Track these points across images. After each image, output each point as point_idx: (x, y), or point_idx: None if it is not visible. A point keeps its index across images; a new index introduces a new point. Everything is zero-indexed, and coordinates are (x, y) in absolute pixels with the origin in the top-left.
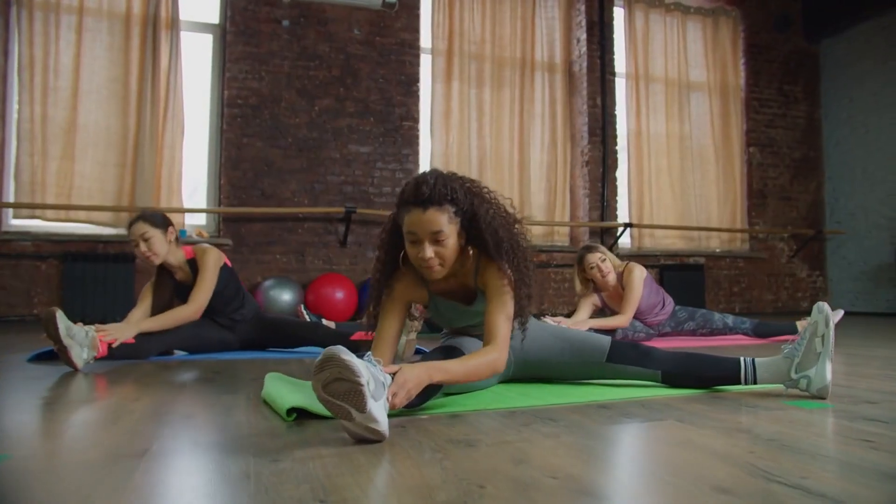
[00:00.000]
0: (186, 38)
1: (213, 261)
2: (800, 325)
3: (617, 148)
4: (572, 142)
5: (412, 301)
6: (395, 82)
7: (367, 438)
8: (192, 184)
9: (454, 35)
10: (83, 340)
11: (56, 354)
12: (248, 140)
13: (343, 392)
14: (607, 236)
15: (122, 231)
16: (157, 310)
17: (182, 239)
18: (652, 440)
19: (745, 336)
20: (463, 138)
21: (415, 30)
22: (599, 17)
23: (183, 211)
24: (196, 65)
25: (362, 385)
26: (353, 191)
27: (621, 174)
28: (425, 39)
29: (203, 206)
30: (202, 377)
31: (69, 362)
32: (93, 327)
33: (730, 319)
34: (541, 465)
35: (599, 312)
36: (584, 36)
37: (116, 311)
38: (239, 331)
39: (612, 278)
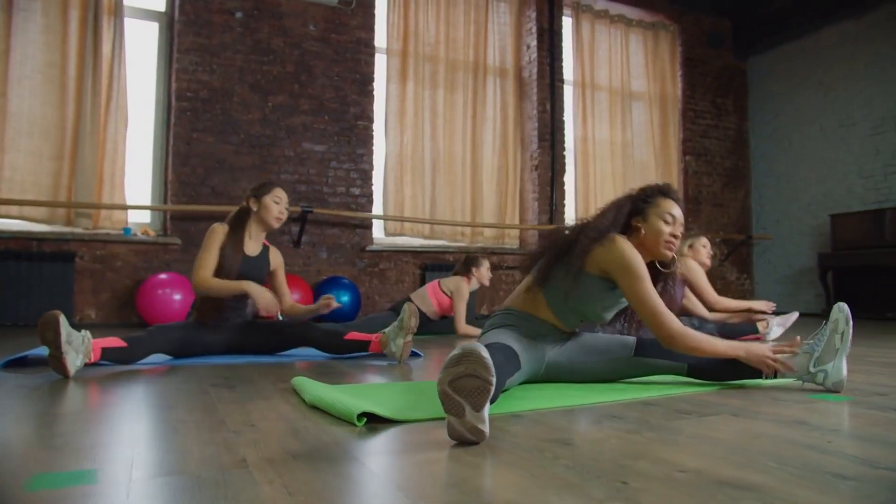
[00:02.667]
0: (130, 24)
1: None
2: (761, 325)
3: (565, 153)
4: (522, 146)
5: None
6: (350, 81)
7: (467, 439)
8: (135, 179)
9: (409, 36)
10: (80, 347)
11: (31, 360)
12: (198, 135)
13: (470, 389)
14: None
15: (59, 228)
16: (219, 266)
17: (126, 237)
18: (729, 433)
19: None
20: (417, 139)
21: (370, 28)
22: (549, 24)
23: (126, 208)
24: (140, 54)
25: (492, 385)
26: (307, 190)
27: (569, 179)
28: (380, 39)
29: (146, 202)
30: (218, 384)
31: (62, 369)
32: (88, 332)
33: (695, 320)
34: (659, 460)
35: None
36: (534, 43)
37: None
38: (226, 334)
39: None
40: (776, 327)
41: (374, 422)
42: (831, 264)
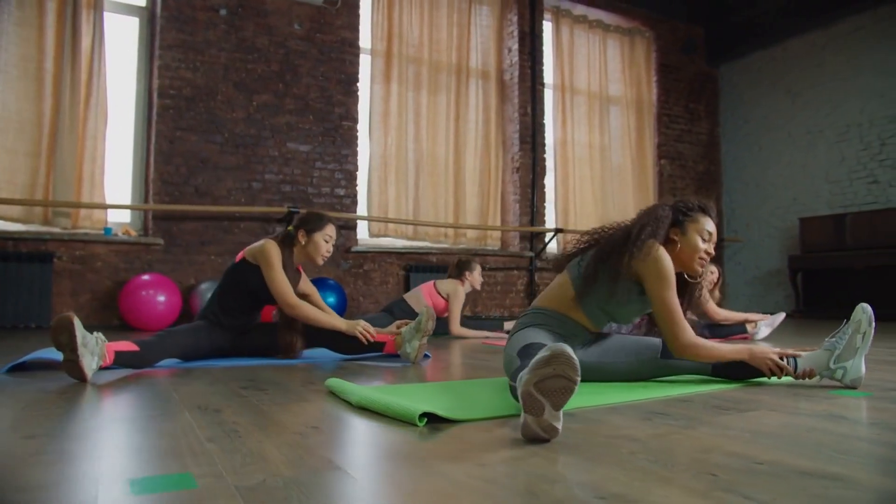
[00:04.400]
0: (109, 19)
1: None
2: (749, 326)
3: (545, 156)
4: (504, 148)
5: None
6: (334, 81)
7: (540, 437)
8: (115, 178)
9: (393, 37)
10: (95, 349)
11: (29, 365)
12: (181, 133)
13: (555, 389)
14: (537, 241)
15: (36, 227)
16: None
17: (107, 237)
18: (778, 427)
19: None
20: (401, 141)
21: (355, 28)
22: (531, 28)
23: (107, 207)
24: (120, 49)
25: (577, 385)
26: (291, 190)
27: (549, 181)
28: (365, 39)
29: (127, 202)
30: (248, 387)
31: (78, 373)
32: (100, 334)
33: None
34: (730, 453)
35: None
36: (515, 46)
37: (31, 316)
38: (237, 337)
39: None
40: (764, 328)
41: (433, 422)
42: (801, 266)
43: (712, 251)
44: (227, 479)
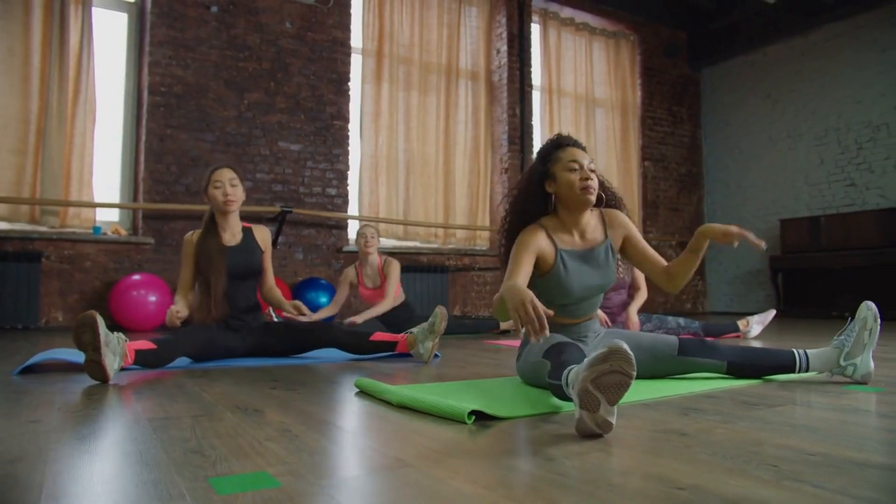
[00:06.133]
0: (98, 14)
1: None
2: (741, 324)
3: (533, 157)
4: (493, 149)
5: (541, 255)
6: (326, 80)
7: (594, 433)
8: (104, 176)
9: (384, 37)
10: (116, 349)
11: (48, 366)
12: (171, 132)
13: (611, 384)
14: None
15: (23, 226)
16: (204, 267)
17: (96, 236)
18: (813, 420)
19: (694, 335)
20: (392, 141)
21: (346, 28)
22: (519, 30)
23: (96, 205)
24: (109, 45)
25: (632, 380)
26: (283, 190)
27: None
28: (356, 39)
29: (116, 200)
30: (275, 387)
31: (101, 373)
32: (121, 333)
33: (681, 321)
34: (780, 445)
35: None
36: (504, 48)
37: (18, 317)
38: (246, 336)
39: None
40: (756, 325)
41: (479, 419)
42: (781, 266)
43: (590, 175)
44: (305, 476)
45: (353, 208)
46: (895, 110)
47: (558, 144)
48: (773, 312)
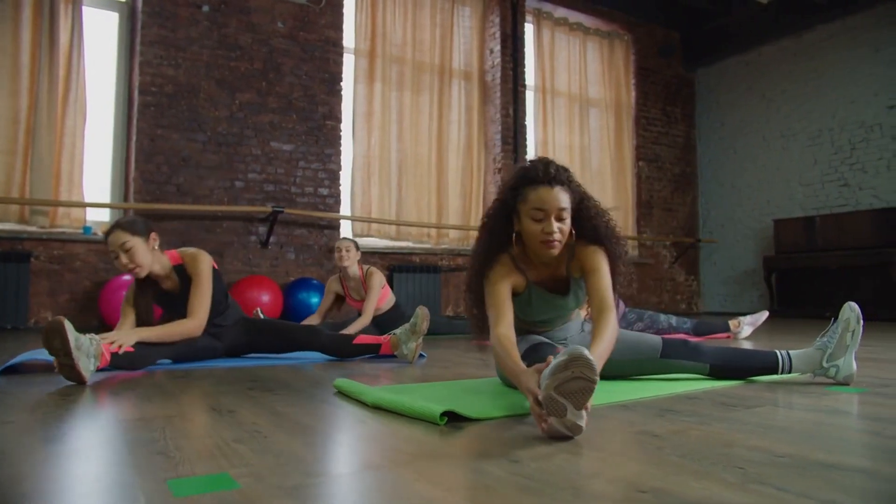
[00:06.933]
0: (88, 14)
1: (207, 267)
2: (732, 324)
3: (527, 157)
4: (486, 149)
5: (512, 287)
6: (318, 80)
7: (563, 435)
8: (94, 176)
9: (377, 36)
10: (89, 350)
11: (32, 367)
12: (162, 131)
13: (575, 390)
14: None
15: (12, 226)
16: (141, 324)
17: (86, 236)
18: (789, 421)
19: (685, 335)
20: (384, 141)
21: (339, 28)
22: (513, 30)
23: (86, 205)
24: (99, 45)
25: (595, 384)
26: (275, 190)
27: None
28: (349, 39)
29: (106, 200)
30: (254, 388)
31: (76, 376)
32: (95, 335)
33: (673, 320)
34: (751, 447)
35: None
36: (497, 48)
37: (7, 317)
38: (225, 337)
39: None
40: (746, 326)
41: (452, 421)
42: (775, 266)
43: (553, 230)
44: (267, 479)
45: (345, 208)
46: (888, 111)
47: (529, 180)
48: (765, 314)
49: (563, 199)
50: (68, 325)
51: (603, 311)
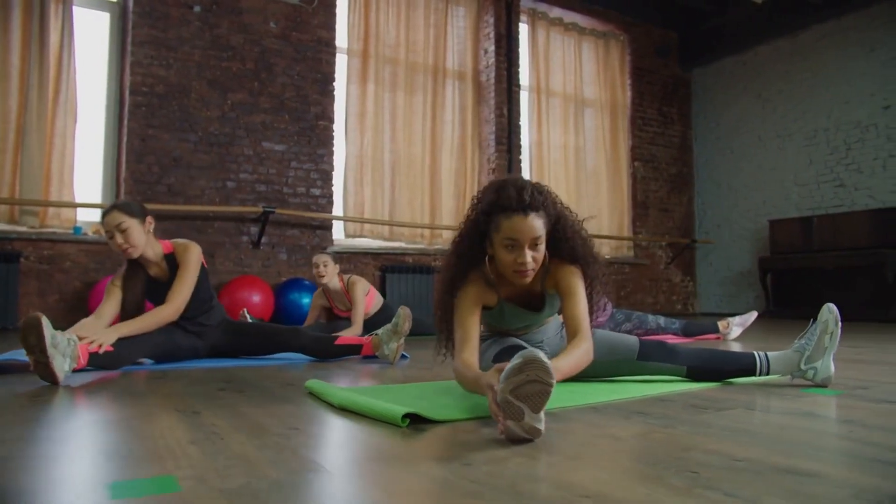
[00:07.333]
0: (79, 14)
1: (196, 258)
2: (721, 325)
3: (521, 157)
4: (480, 149)
5: (484, 304)
6: (311, 80)
7: (522, 438)
8: (85, 176)
9: (370, 37)
10: (66, 350)
11: (12, 367)
12: (153, 131)
13: (531, 393)
14: None
15: (2, 226)
16: (128, 308)
17: (76, 236)
18: (756, 424)
19: (674, 335)
20: (377, 141)
21: (331, 28)
22: (507, 30)
23: (77, 205)
24: (90, 45)
25: (552, 388)
26: (266, 190)
27: None
28: (341, 39)
29: (97, 201)
30: (225, 388)
31: (50, 376)
32: (73, 335)
33: (661, 320)
34: (710, 451)
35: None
36: (492, 48)
37: None
38: (208, 337)
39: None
40: (736, 327)
41: (415, 422)
42: (770, 267)
43: (525, 259)
44: (211, 481)
45: (337, 209)
46: (884, 111)
47: (502, 207)
48: (754, 314)
49: (538, 226)
50: (46, 322)
51: (577, 335)
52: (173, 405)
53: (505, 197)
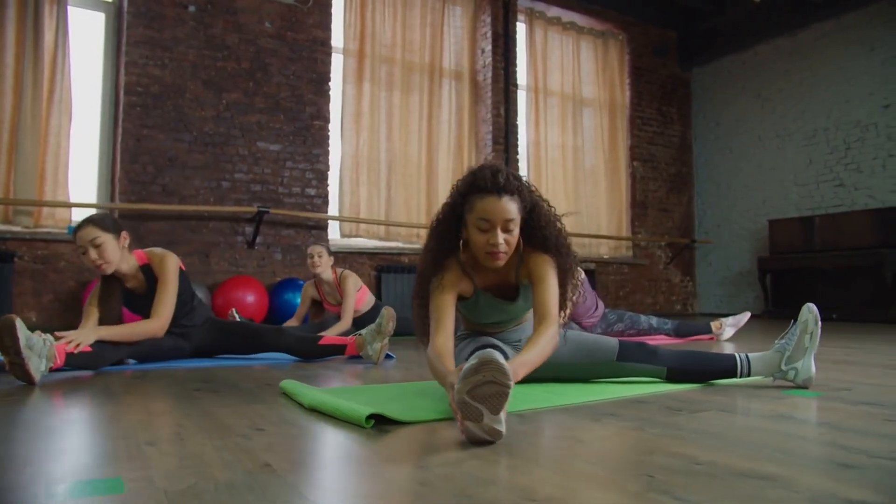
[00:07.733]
0: (74, 14)
1: (173, 268)
2: (714, 325)
3: (518, 157)
4: (477, 149)
5: (460, 293)
6: (306, 80)
7: (483, 440)
8: (79, 176)
9: (366, 36)
10: (42, 350)
11: None
12: (148, 131)
13: (488, 394)
14: None
15: None
16: (105, 323)
17: (70, 236)
18: (726, 427)
19: (666, 336)
20: (373, 141)
21: (327, 28)
22: (504, 30)
23: (71, 205)
24: (85, 45)
25: (510, 389)
26: (261, 190)
27: None
28: (337, 39)
29: (92, 200)
30: (201, 388)
31: (25, 376)
32: (49, 335)
33: (654, 321)
34: (672, 454)
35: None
36: (489, 47)
37: None
38: (192, 337)
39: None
40: (728, 328)
41: (381, 423)
42: (770, 267)
43: (499, 241)
44: (158, 483)
45: (333, 209)
46: (883, 110)
47: (477, 188)
48: (747, 315)
49: (511, 209)
50: (19, 324)
51: (543, 322)
52: (144, 405)
53: (480, 178)
